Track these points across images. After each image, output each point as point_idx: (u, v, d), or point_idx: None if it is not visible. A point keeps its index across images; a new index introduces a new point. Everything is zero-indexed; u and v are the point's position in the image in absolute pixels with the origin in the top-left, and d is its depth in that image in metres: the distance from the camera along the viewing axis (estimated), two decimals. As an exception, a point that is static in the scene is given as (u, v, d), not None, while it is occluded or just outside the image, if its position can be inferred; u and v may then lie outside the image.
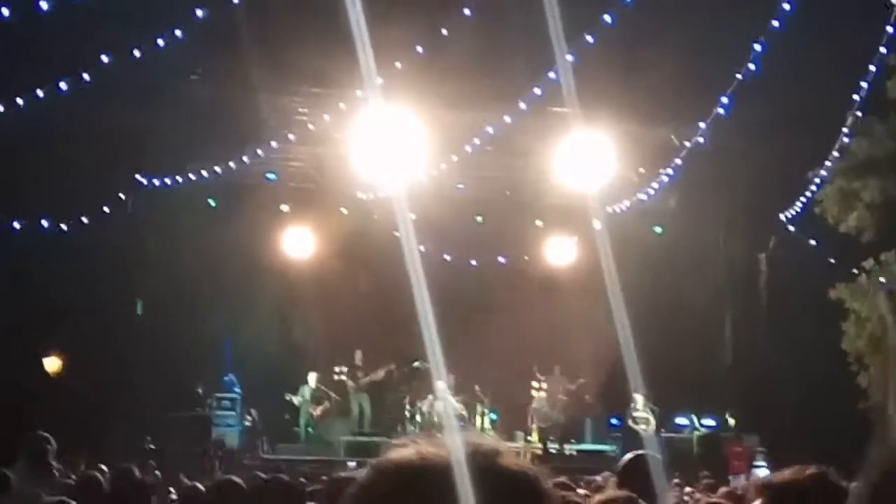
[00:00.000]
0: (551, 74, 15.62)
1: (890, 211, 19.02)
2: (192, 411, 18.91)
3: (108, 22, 13.45)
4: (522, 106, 16.86)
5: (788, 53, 15.25)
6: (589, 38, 14.70)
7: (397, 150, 20.99)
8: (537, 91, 16.22)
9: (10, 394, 17.30)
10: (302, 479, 9.26)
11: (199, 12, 13.19)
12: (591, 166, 21.80)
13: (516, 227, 21.89)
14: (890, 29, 15.65)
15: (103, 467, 8.65)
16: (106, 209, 17.98)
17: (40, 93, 14.21)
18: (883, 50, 15.94)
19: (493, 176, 21.98)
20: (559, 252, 21.84)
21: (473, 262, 21.19)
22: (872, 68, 16.00)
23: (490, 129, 18.12)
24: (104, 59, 13.75)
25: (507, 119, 17.50)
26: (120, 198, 18.39)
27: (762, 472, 17.01)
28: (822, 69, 16.04)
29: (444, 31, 14.49)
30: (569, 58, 14.96)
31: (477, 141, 18.50)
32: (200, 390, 19.28)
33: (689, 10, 16.02)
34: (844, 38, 15.46)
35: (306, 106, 19.67)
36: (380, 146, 20.97)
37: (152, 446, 17.48)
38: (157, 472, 12.54)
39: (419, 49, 14.88)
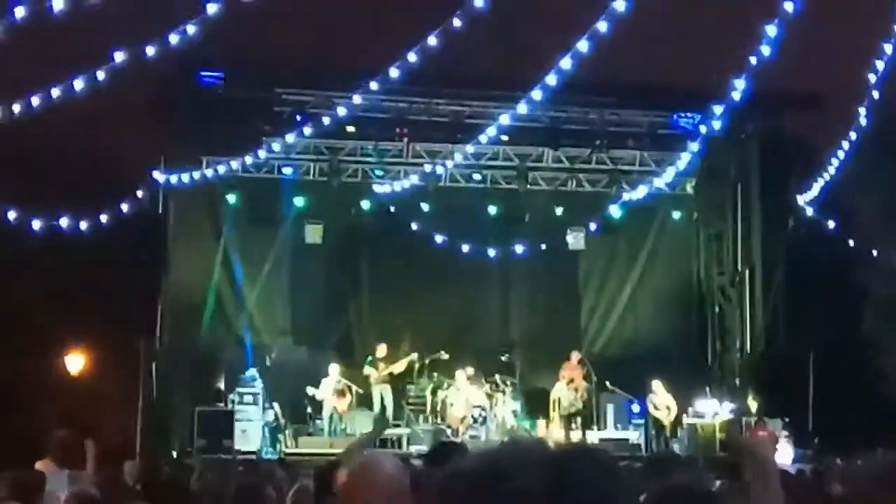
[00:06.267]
0: (564, 63, 15.55)
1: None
2: (213, 407, 18.96)
3: (119, 17, 13.46)
4: (537, 95, 16.78)
5: (803, 33, 15.13)
6: (602, 26, 14.60)
7: (412, 142, 21.06)
8: (551, 80, 16.14)
9: (32, 391, 17.40)
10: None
11: (212, 7, 13.18)
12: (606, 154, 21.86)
13: (533, 217, 21.87)
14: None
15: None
16: (124, 206, 18.00)
17: (55, 92, 14.22)
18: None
19: (509, 165, 21.98)
20: (576, 240, 21.81)
21: (491, 252, 21.17)
22: (889, 47, 15.89)
23: (504, 118, 18.07)
24: (117, 55, 13.76)
25: (523, 108, 17.43)
26: (136, 195, 18.40)
27: (786, 455, 17.01)
28: (838, 47, 15.97)
29: (458, 23, 14.40)
30: (585, 45, 14.95)
31: (492, 130, 18.46)
32: (222, 386, 19.32)
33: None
34: (858, 16, 15.38)
35: (321, 99, 19.68)
36: (396, 138, 21.04)
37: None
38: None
39: (432, 41, 14.81)
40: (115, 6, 12.60)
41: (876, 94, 16.83)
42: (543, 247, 21.42)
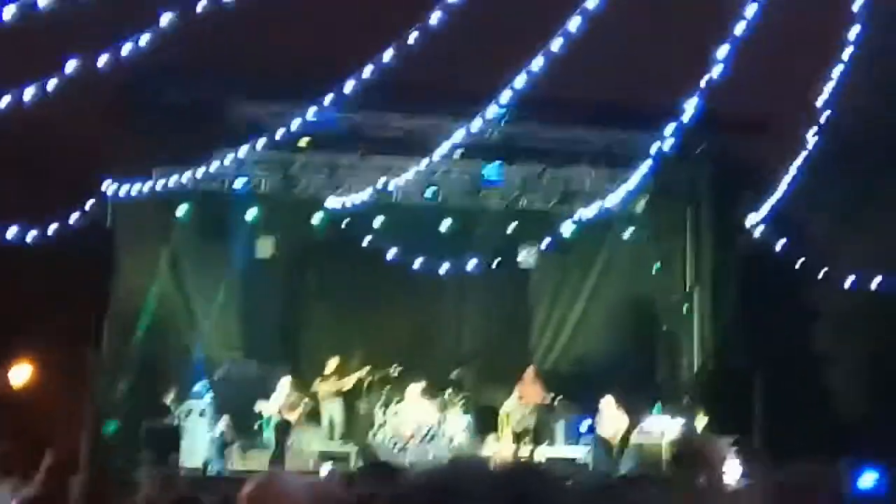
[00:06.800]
0: (518, 81, 15.60)
1: (853, 208, 19.23)
2: (160, 422, 18.77)
3: (69, 26, 13.34)
4: (491, 112, 16.83)
5: (754, 53, 15.29)
6: (556, 44, 14.66)
7: (366, 157, 21.05)
8: (505, 97, 16.17)
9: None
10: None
11: (166, 17, 13.08)
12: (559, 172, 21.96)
13: (486, 233, 21.91)
14: (851, 33, 15.70)
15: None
16: (73, 217, 17.81)
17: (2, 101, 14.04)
18: (847, 52, 16.01)
19: (462, 181, 22.02)
20: (528, 257, 21.88)
21: (443, 268, 21.15)
22: (838, 70, 16.09)
23: (459, 134, 18.09)
24: (68, 64, 13.61)
25: (477, 124, 17.47)
26: (85, 207, 18.22)
27: (734, 472, 17.05)
28: (788, 68, 16.15)
29: (412, 39, 14.40)
30: (538, 64, 15.00)
31: (446, 146, 18.48)
32: (170, 399, 19.14)
33: (654, 12, 16.08)
34: (808, 39, 15.56)
35: (274, 112, 19.61)
36: (349, 152, 21.03)
37: None
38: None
39: (388, 56, 14.80)
40: (65, 14, 12.48)
41: (825, 116, 17.03)
42: (495, 263, 21.44)
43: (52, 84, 13.66)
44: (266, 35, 16.21)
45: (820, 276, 19.75)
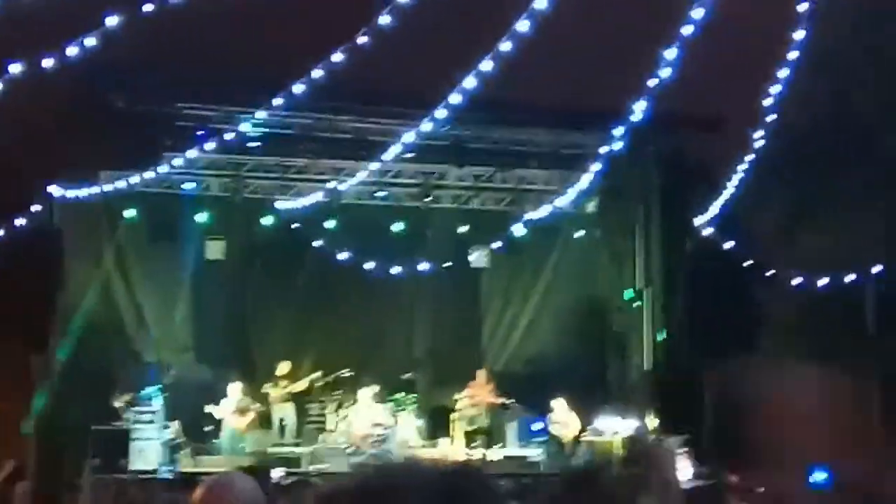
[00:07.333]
0: (468, 82, 15.62)
1: (801, 209, 19.45)
2: (109, 425, 18.58)
3: (16, 28, 13.19)
4: (441, 112, 16.83)
5: (704, 54, 15.41)
6: (506, 45, 14.70)
7: (316, 159, 20.98)
8: (455, 99, 16.19)
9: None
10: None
11: (113, 20, 12.97)
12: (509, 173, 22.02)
13: (437, 235, 21.90)
14: (799, 34, 15.85)
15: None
16: (18, 220, 17.62)
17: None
18: (794, 54, 16.17)
19: (413, 183, 22.00)
20: (480, 258, 21.90)
21: (394, 270, 21.11)
22: (785, 72, 16.24)
23: (408, 136, 18.09)
24: (13, 67, 13.47)
25: (427, 126, 17.47)
26: (32, 210, 18.03)
27: (685, 471, 17.17)
28: (736, 71, 16.29)
29: (364, 38, 14.39)
30: (488, 65, 15.03)
31: (396, 147, 18.46)
32: (118, 403, 18.95)
33: (601, 13, 16.16)
34: (756, 41, 15.71)
35: (223, 115, 19.49)
36: (299, 154, 20.95)
37: None
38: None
39: (338, 58, 14.77)
40: (11, 17, 12.35)
41: (772, 117, 17.19)
42: (447, 265, 21.43)
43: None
44: (214, 37, 16.12)
45: (769, 276, 19.97)
